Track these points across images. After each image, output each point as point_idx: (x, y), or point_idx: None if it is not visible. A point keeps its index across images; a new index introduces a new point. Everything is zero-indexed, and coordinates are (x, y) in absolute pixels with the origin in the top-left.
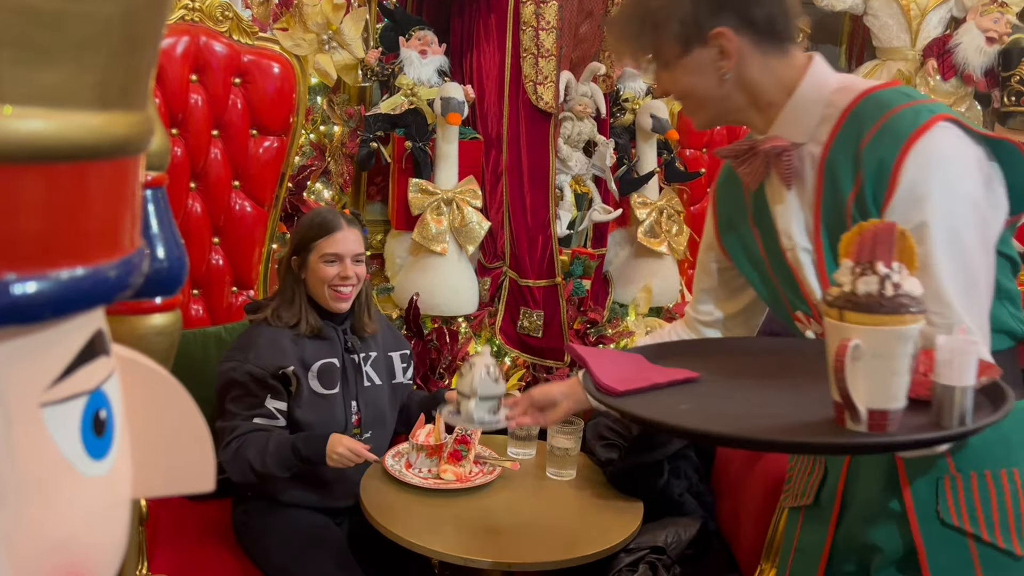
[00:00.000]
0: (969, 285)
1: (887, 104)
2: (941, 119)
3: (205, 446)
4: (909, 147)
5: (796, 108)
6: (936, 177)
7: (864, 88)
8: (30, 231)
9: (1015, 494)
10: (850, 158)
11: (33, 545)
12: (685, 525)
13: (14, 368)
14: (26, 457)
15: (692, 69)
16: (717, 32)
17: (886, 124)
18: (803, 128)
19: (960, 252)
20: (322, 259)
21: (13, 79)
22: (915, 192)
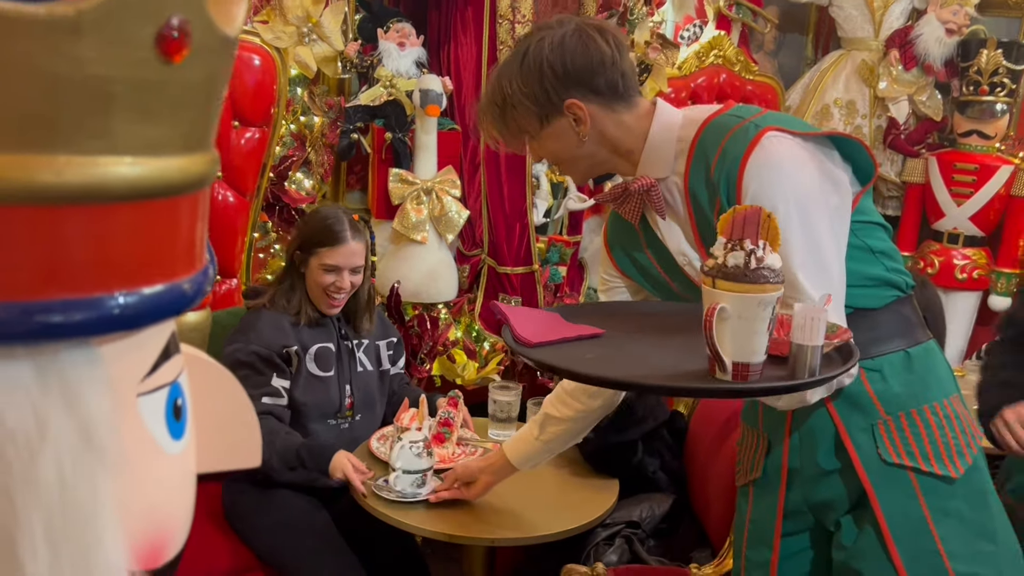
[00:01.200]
0: (819, 264)
1: (723, 129)
2: (767, 131)
3: (252, 427)
4: (745, 162)
5: (652, 150)
6: (772, 180)
7: (704, 118)
8: (133, 255)
9: (939, 424)
10: (704, 183)
11: (133, 509)
12: (659, 501)
13: (118, 365)
14: (128, 438)
15: (554, 136)
16: (568, 103)
17: (724, 147)
18: (662, 165)
19: (809, 238)
20: (322, 266)
21: (126, 135)
22: (758, 199)
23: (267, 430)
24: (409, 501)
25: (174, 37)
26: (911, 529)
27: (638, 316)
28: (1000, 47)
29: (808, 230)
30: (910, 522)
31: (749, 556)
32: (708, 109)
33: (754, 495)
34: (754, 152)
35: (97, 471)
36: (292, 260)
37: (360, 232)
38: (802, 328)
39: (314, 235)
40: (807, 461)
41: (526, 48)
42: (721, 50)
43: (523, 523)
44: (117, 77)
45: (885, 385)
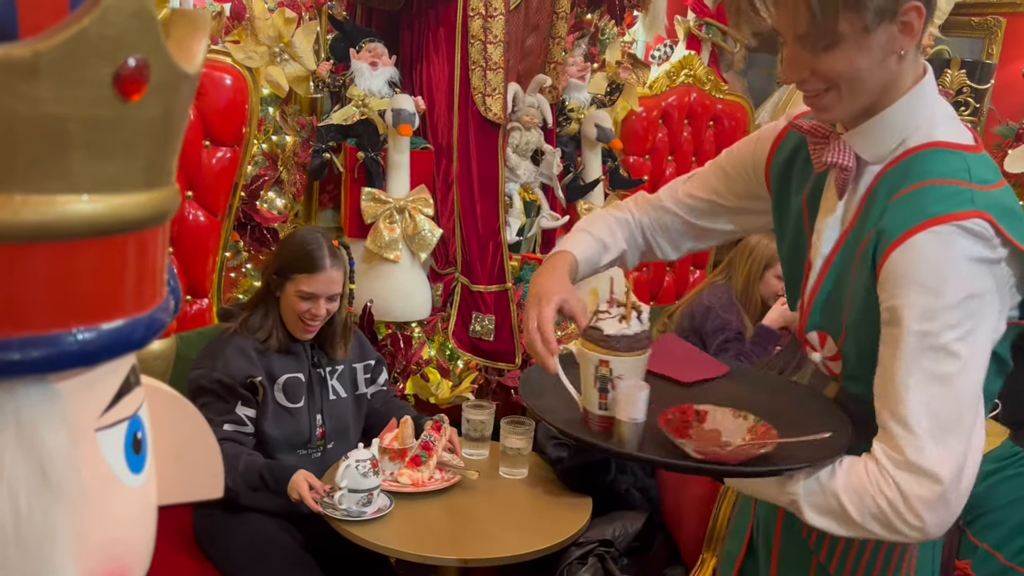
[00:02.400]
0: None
1: (939, 169)
2: (976, 216)
3: (215, 458)
4: (915, 232)
5: (879, 126)
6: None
7: (939, 139)
8: (92, 291)
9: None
10: (884, 203)
11: (91, 544)
12: (632, 519)
13: (76, 401)
14: (86, 472)
15: (871, 48)
16: (911, 6)
17: (918, 191)
18: (877, 149)
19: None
20: (298, 293)
21: (84, 173)
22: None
23: (229, 454)
24: (355, 520)
25: (132, 77)
26: None
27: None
28: (964, 67)
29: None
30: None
31: (727, 547)
32: (955, 127)
33: (741, 500)
34: (933, 230)
35: (53, 507)
36: (267, 284)
37: (339, 259)
38: (616, 402)
39: (292, 260)
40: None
41: None
42: (691, 69)
43: (496, 543)
44: (74, 116)
45: None
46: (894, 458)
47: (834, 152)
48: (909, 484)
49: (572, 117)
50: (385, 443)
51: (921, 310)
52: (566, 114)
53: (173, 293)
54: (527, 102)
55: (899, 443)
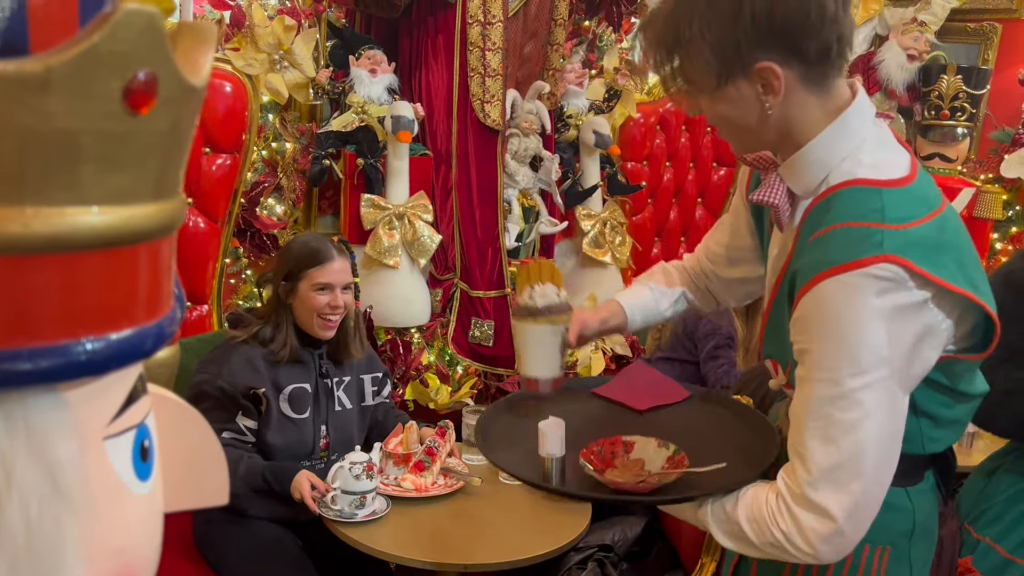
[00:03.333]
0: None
1: (852, 210)
2: (884, 262)
3: (220, 465)
4: (821, 279)
5: (803, 161)
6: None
7: (859, 176)
8: (101, 302)
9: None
10: (803, 242)
11: (100, 551)
12: (631, 524)
13: (85, 409)
14: (95, 480)
15: (729, 100)
16: (761, 67)
17: (828, 235)
18: (804, 183)
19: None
20: (314, 288)
21: (94, 185)
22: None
23: (230, 459)
24: (347, 521)
25: (141, 91)
26: None
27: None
28: (960, 72)
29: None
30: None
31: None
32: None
33: None
34: (840, 277)
35: (63, 516)
36: (276, 295)
37: (343, 251)
38: (544, 438)
39: (300, 260)
40: None
41: None
42: None
43: (497, 548)
44: (84, 130)
45: None
46: (792, 491)
47: (764, 189)
48: (805, 518)
49: (570, 123)
50: (390, 448)
51: (824, 358)
52: (564, 120)
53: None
54: (526, 108)
55: (798, 478)
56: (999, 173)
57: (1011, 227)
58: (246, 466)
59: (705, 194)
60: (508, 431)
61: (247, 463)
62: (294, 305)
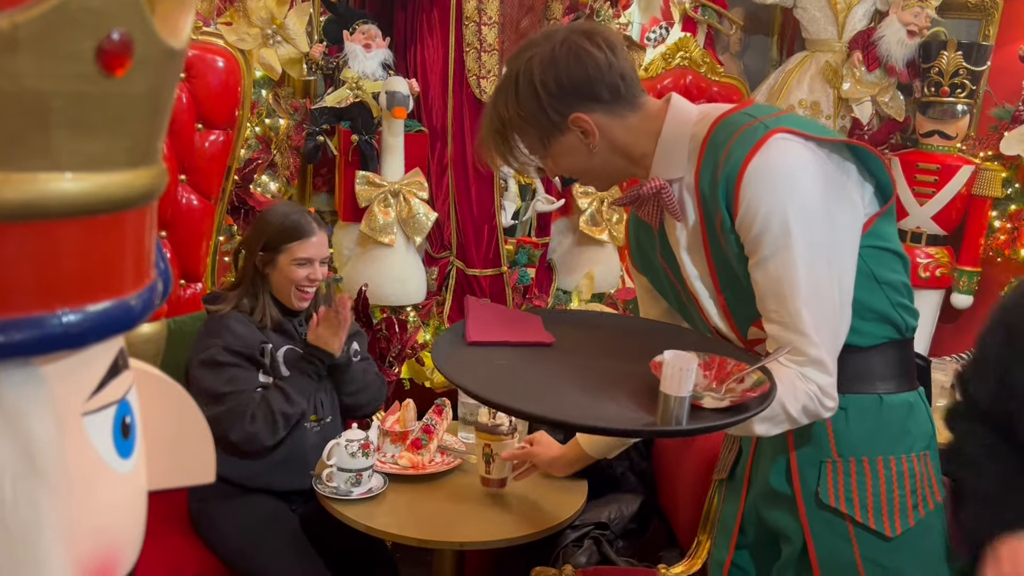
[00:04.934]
0: (816, 293)
1: (734, 126)
2: (777, 132)
3: (206, 442)
4: (746, 165)
5: (664, 150)
6: (771, 189)
7: (718, 115)
8: (77, 272)
9: (888, 479)
10: (713, 182)
11: (79, 530)
12: (627, 502)
13: (63, 384)
14: (74, 458)
15: (564, 153)
16: (573, 118)
17: (732, 145)
18: (675, 165)
19: (806, 255)
20: (294, 262)
21: (67, 150)
22: (752, 207)
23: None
24: (343, 498)
25: (115, 51)
26: (841, 574)
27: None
28: (960, 49)
29: (808, 250)
30: (841, 567)
31: (713, 553)
32: (724, 106)
33: (725, 495)
34: (758, 154)
35: (40, 493)
36: (253, 264)
37: (322, 225)
38: (669, 379)
39: (279, 233)
40: (761, 477)
41: (516, 71)
42: (687, 52)
43: (492, 526)
44: (56, 92)
45: (846, 426)
46: (799, 360)
47: (645, 187)
48: (818, 375)
49: None
50: (387, 426)
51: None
52: None
53: (162, 275)
54: None
55: (798, 347)
56: (999, 150)
57: (1010, 205)
58: (284, 384)
59: None
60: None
61: (280, 384)
62: (271, 275)
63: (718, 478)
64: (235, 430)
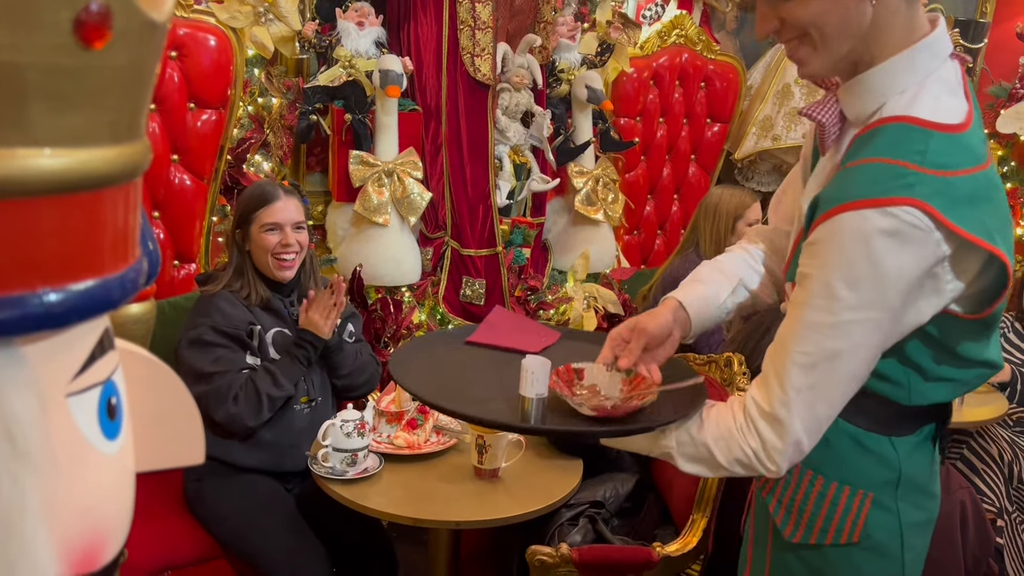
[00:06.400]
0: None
1: (890, 147)
2: (908, 203)
3: (195, 423)
4: (839, 212)
5: (863, 84)
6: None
7: (911, 114)
8: (59, 250)
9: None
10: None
11: (65, 513)
12: (623, 480)
13: (46, 365)
14: (58, 439)
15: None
16: None
17: (862, 167)
18: (855, 110)
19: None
20: (263, 229)
21: (45, 125)
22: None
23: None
24: (338, 478)
25: (93, 23)
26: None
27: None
28: (957, 26)
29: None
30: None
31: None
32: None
33: None
34: (850, 214)
35: (23, 475)
36: (234, 242)
37: (291, 193)
38: (522, 380)
39: (247, 205)
40: None
41: None
42: (683, 29)
43: (487, 505)
44: (32, 64)
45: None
46: (761, 408)
47: (816, 106)
48: (769, 436)
49: (562, 78)
50: (382, 406)
51: (826, 285)
52: (556, 75)
53: (150, 255)
54: (517, 62)
55: (771, 397)
56: (995, 128)
57: (1006, 183)
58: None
59: (699, 151)
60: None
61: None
62: (251, 251)
63: None
64: (218, 410)
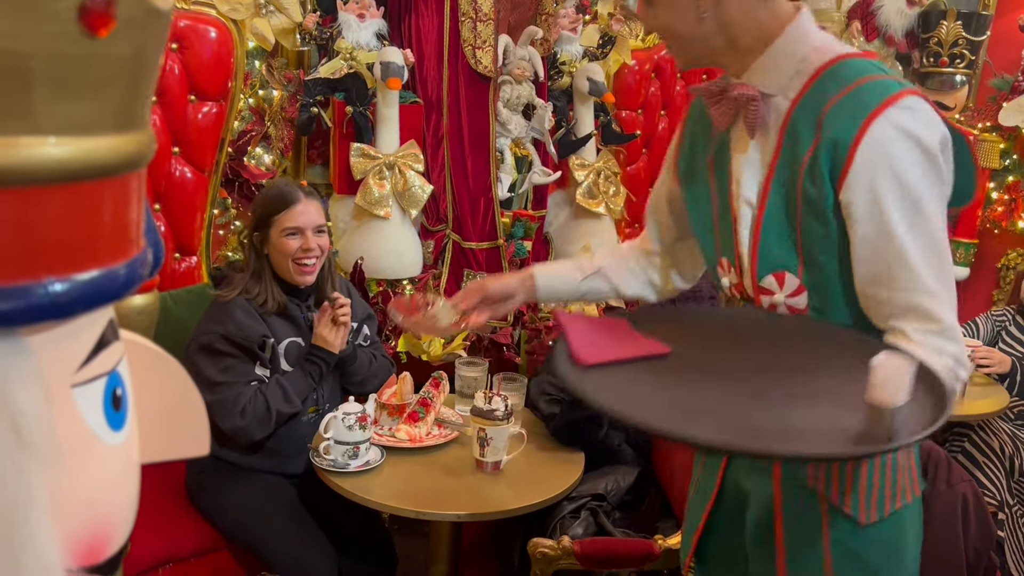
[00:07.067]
0: (928, 253)
1: (860, 72)
2: (909, 93)
3: (200, 415)
4: (868, 124)
5: (771, 58)
6: (888, 162)
7: (841, 52)
8: (63, 240)
9: (871, 467)
10: (813, 119)
11: (70, 504)
12: (624, 473)
13: (51, 355)
14: (63, 430)
15: (670, 4)
16: None
17: (853, 92)
18: (775, 80)
19: (922, 224)
20: (283, 233)
21: (49, 114)
22: (869, 172)
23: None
24: (340, 471)
25: (98, 11)
26: (806, 555)
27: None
28: (960, 19)
29: (921, 216)
30: (809, 548)
31: (688, 516)
32: (848, 46)
33: (706, 461)
34: (879, 121)
35: (28, 466)
36: (252, 245)
37: (312, 194)
38: (883, 385)
39: (266, 207)
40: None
41: None
42: None
43: (489, 498)
44: (37, 53)
45: None
46: (932, 328)
47: (737, 89)
48: (949, 347)
49: (564, 70)
50: (384, 399)
51: (901, 189)
52: (558, 67)
53: (154, 246)
54: (518, 55)
55: (933, 314)
56: (997, 121)
57: (1008, 176)
58: (284, 379)
59: None
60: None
61: (279, 379)
62: (270, 254)
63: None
64: (225, 422)
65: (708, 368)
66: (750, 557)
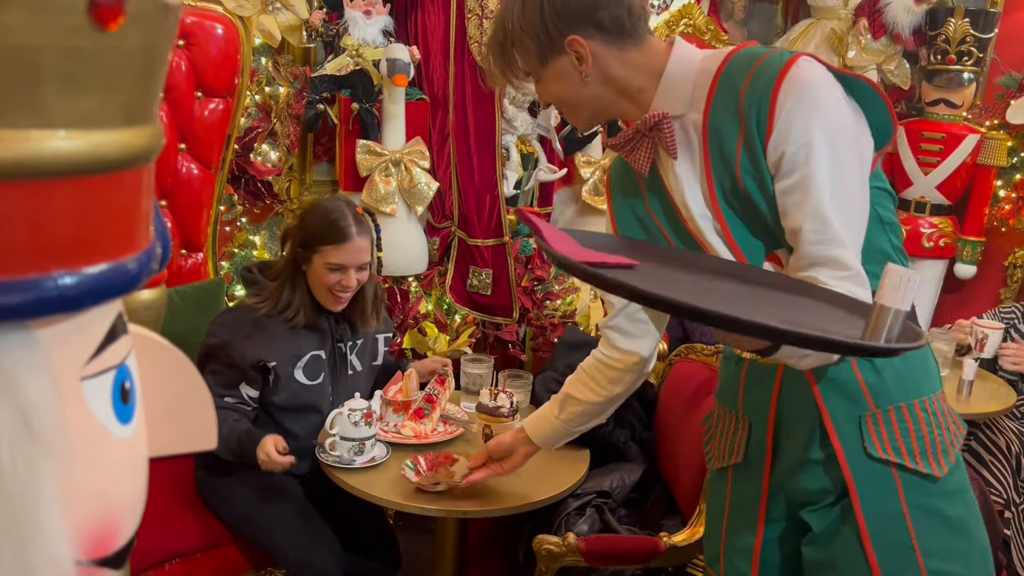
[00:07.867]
0: (846, 202)
1: (753, 56)
2: (801, 56)
3: (208, 409)
4: (781, 79)
5: (668, 86)
6: (810, 103)
7: (728, 51)
8: (73, 234)
9: (928, 421)
10: (732, 112)
11: (79, 497)
12: (629, 470)
13: (60, 348)
14: (72, 423)
15: (556, 77)
16: (569, 40)
17: (757, 70)
18: (679, 100)
19: (838, 171)
20: (327, 265)
21: (59, 107)
22: (792, 119)
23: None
24: (346, 467)
25: (108, 5)
26: (888, 524)
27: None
28: (967, 16)
29: (839, 167)
30: (888, 517)
31: (732, 542)
32: (729, 47)
33: (735, 479)
34: (790, 73)
35: (38, 459)
36: (293, 258)
37: (365, 227)
38: (894, 289)
39: (317, 232)
40: (790, 448)
41: None
42: (691, 19)
43: (495, 495)
44: (47, 46)
45: (877, 377)
46: (843, 275)
47: (647, 121)
48: (859, 292)
49: None
50: (389, 395)
51: (824, 122)
52: None
53: (161, 240)
54: None
55: (845, 263)
56: (1004, 119)
57: (1015, 174)
58: (228, 428)
59: None
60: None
61: (230, 425)
62: (308, 273)
63: (724, 464)
64: None
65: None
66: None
